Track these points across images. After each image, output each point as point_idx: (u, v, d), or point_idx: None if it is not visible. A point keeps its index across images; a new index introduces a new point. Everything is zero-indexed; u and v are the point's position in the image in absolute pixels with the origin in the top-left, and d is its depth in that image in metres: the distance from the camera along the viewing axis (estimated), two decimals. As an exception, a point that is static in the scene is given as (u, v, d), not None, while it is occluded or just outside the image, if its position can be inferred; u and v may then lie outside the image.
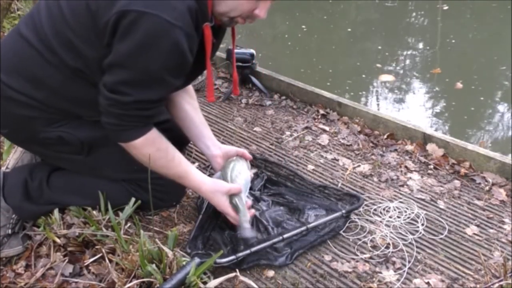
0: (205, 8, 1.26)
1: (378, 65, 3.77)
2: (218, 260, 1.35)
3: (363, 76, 3.63)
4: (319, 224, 1.52)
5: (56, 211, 1.51)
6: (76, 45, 1.27)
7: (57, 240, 1.46)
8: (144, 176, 1.43)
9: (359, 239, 1.56)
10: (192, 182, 1.46)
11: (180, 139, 1.94)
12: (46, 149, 1.48)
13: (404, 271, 1.44)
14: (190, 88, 1.70)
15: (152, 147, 1.35)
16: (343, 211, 1.58)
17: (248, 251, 1.40)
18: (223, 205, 1.45)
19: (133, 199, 1.51)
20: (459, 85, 3.29)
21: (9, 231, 1.49)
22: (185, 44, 1.21)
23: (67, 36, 1.27)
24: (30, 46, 1.32)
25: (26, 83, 1.35)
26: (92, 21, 1.23)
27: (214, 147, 1.64)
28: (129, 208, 1.50)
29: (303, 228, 1.48)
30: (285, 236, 1.45)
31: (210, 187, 1.45)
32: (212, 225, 1.58)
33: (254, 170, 1.65)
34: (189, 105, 1.66)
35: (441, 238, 1.58)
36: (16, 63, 1.35)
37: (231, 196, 1.45)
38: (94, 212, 1.50)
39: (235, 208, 1.44)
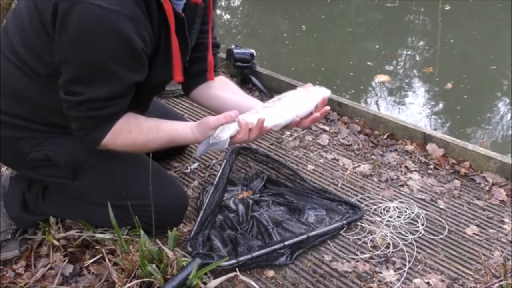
0: None
1: (370, 63, 3.75)
2: (219, 263, 1.35)
3: (351, 74, 3.62)
4: (320, 233, 1.53)
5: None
6: (40, 52, 1.21)
7: (56, 242, 1.46)
8: (133, 203, 1.36)
9: (359, 239, 1.56)
10: (181, 139, 1.36)
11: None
12: (36, 174, 1.42)
13: (404, 271, 1.44)
14: (221, 77, 1.59)
15: (123, 135, 1.26)
16: (344, 221, 1.58)
17: (249, 256, 1.40)
18: None
19: None
20: (449, 85, 3.30)
21: (9, 236, 1.50)
22: (129, 29, 1.09)
23: (32, 44, 1.21)
24: (6, 60, 1.27)
25: (9, 100, 1.30)
26: (40, 22, 1.16)
27: None
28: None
29: (304, 236, 1.48)
30: (287, 243, 1.45)
31: (198, 131, 1.31)
32: (212, 223, 1.58)
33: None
34: (222, 91, 1.51)
35: (441, 238, 1.58)
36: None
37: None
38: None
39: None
